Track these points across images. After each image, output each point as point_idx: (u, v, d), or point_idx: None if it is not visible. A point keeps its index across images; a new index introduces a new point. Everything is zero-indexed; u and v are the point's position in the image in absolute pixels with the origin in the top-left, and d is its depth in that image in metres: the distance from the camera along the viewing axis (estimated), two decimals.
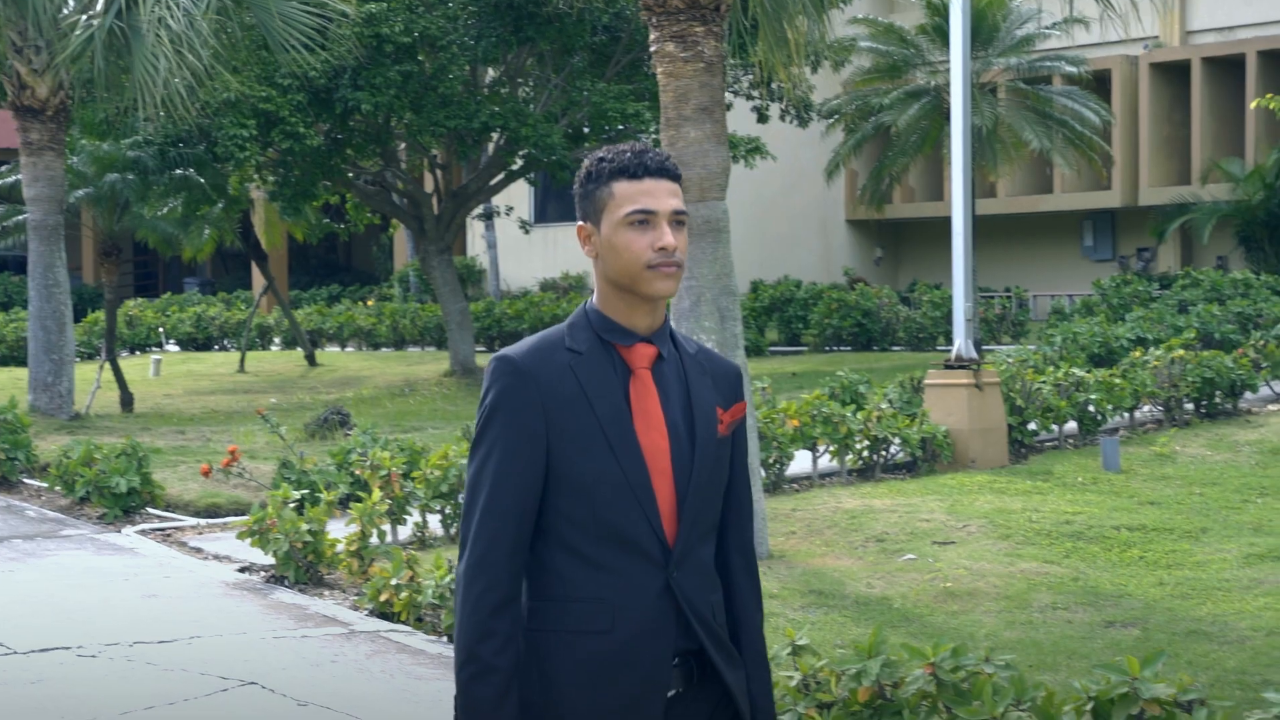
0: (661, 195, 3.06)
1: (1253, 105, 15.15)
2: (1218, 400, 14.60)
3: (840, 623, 8.18)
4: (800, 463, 12.93)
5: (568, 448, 3.02)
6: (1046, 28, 23.82)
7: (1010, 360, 15.93)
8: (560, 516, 3.04)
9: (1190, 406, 14.63)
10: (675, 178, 3.09)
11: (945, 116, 22.70)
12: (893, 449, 13.03)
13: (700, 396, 3.12)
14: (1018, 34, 24.15)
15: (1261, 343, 15.86)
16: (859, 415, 12.92)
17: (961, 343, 13.86)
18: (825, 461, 12.98)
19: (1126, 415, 14.24)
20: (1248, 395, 15.17)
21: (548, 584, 3.05)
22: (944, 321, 24.29)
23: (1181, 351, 14.80)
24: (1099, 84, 27.89)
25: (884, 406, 13.59)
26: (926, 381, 13.99)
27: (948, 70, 14.62)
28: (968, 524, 10.40)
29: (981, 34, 23.30)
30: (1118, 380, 14.05)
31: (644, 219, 3.05)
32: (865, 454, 12.82)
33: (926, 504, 11.30)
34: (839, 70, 25.39)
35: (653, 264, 3.04)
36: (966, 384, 13.37)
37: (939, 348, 23.84)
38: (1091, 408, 13.72)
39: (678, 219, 3.08)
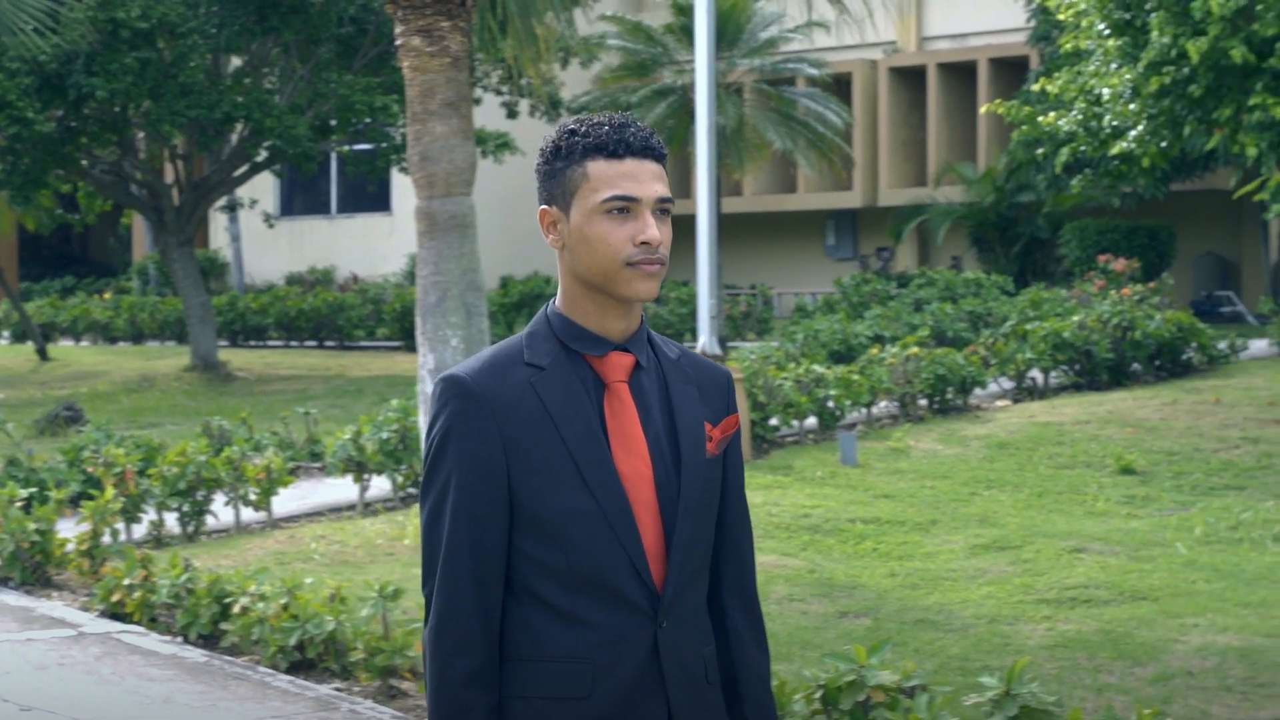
0: (645, 179, 2.62)
1: (983, 110, 15.72)
2: (950, 396, 15.10)
3: None
4: None
5: (532, 481, 2.58)
6: (789, 31, 24.30)
7: (754, 357, 16.23)
8: (527, 562, 2.59)
9: (924, 402, 15.11)
10: (660, 158, 2.66)
11: (692, 115, 23.01)
12: None
13: (685, 411, 2.68)
14: (762, 36, 24.59)
15: (991, 340, 16.44)
16: None
17: (706, 339, 14.09)
18: None
19: (864, 411, 14.64)
20: (978, 391, 15.71)
21: (517, 641, 2.60)
22: (691, 318, 24.61)
23: (916, 349, 15.26)
24: (841, 87, 28.58)
25: None
26: None
27: (694, 70, 14.87)
28: None
29: (727, 35, 23.65)
30: (856, 377, 14.43)
31: (624, 206, 2.61)
32: None
33: None
34: (588, 67, 25.53)
35: (633, 260, 2.60)
36: None
37: (686, 344, 24.14)
38: (831, 403, 14.07)
39: (662, 207, 2.64)
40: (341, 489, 12.32)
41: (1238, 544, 9.99)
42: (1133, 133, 13.27)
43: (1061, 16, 13.88)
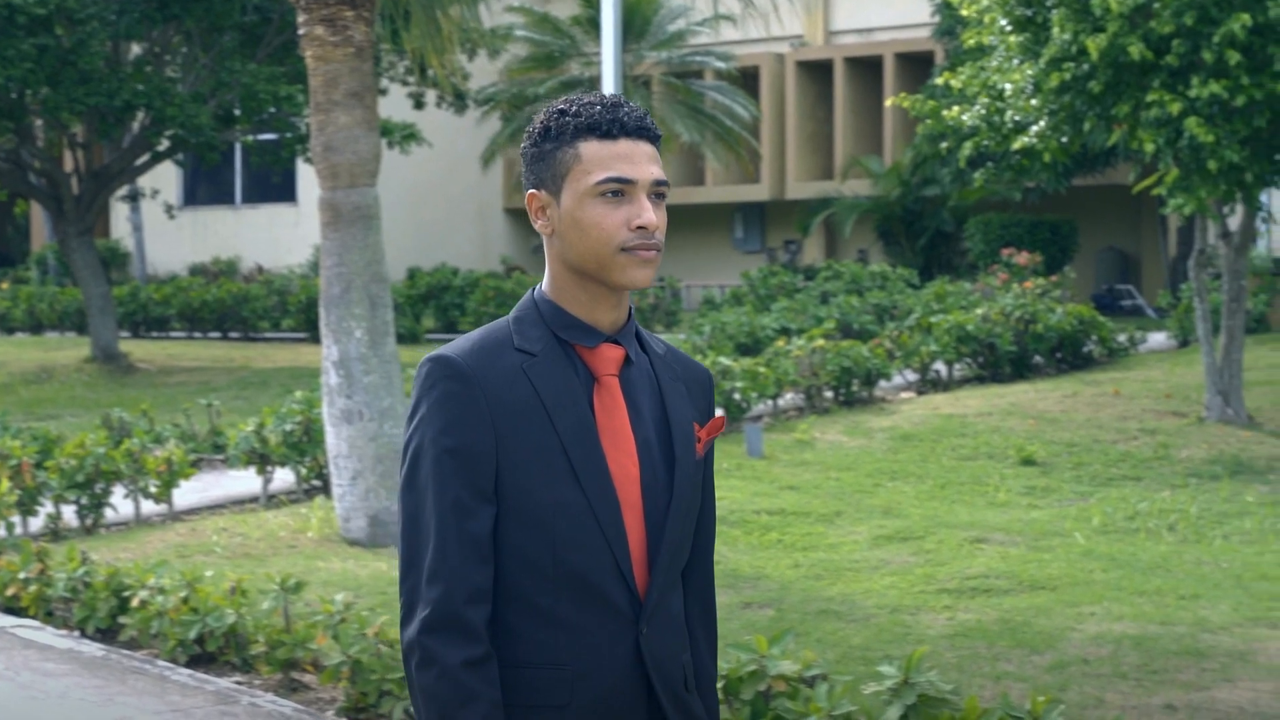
0: (641, 161, 2.50)
1: (888, 104, 15.82)
2: (855, 388, 15.21)
3: None
4: None
5: (520, 471, 2.46)
6: (696, 24, 24.36)
7: None
8: (511, 559, 2.46)
9: (830, 394, 15.20)
10: (655, 139, 2.54)
11: None
12: None
13: (677, 410, 2.57)
14: (669, 29, 24.64)
15: (896, 333, 16.58)
16: None
17: None
18: None
19: (770, 403, 14.71)
20: (883, 384, 15.84)
21: (496, 645, 2.48)
22: None
23: (822, 341, 15.36)
24: (749, 80, 28.69)
25: None
26: None
27: (601, 62, 14.86)
28: None
29: (634, 27, 23.69)
30: (762, 369, 14.49)
31: (618, 189, 2.49)
32: None
33: None
34: (496, 58, 25.44)
35: (628, 246, 2.48)
36: None
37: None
38: (737, 395, 14.12)
39: (658, 191, 2.53)
40: (244, 481, 12.20)
41: (1134, 534, 10.15)
42: (1034, 128, 13.40)
43: (965, 12, 13.99)
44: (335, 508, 10.13)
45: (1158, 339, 19.67)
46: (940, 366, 16.34)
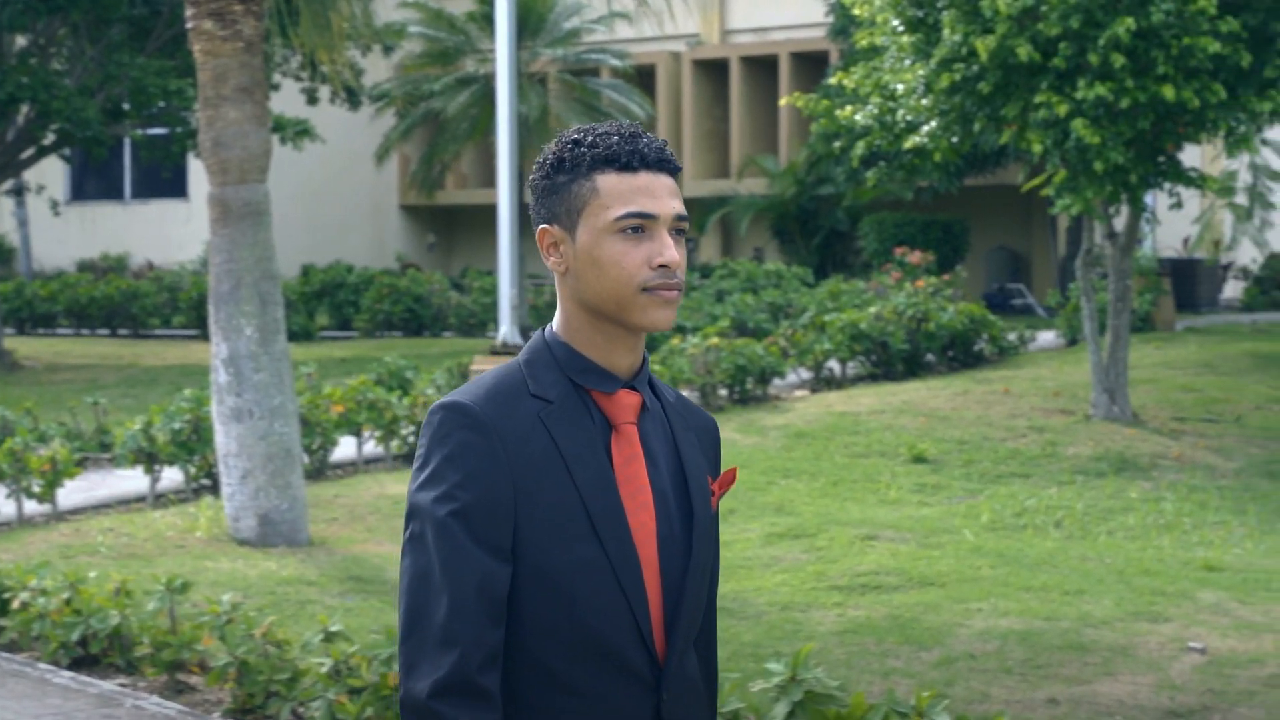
0: (661, 195, 2.37)
1: (783, 103, 15.91)
2: (749, 386, 15.28)
3: (378, 608, 8.16)
4: (345, 448, 12.84)
5: (538, 528, 2.31)
6: (591, 21, 24.36)
7: None
8: (526, 623, 2.31)
9: (724, 392, 15.26)
10: (675, 171, 2.42)
11: (495, 104, 22.94)
12: None
13: (693, 461, 2.44)
14: (565, 26, 24.60)
15: (790, 331, 16.68)
16: (405, 401, 12.93)
17: (507, 329, 14.07)
18: (371, 447, 12.93)
19: None
20: (777, 381, 15.93)
21: (505, 713, 2.32)
22: (494, 308, 24.53)
23: (717, 339, 15.41)
24: (645, 79, 28.73)
25: (430, 392, 13.64)
26: (472, 367, 14.14)
27: (496, 58, 14.86)
28: None
29: (529, 24, 23.62)
30: (657, 367, 14.51)
31: (639, 225, 2.35)
32: (411, 439, 12.84)
33: None
34: (390, 54, 25.27)
35: (649, 285, 2.34)
36: None
37: (489, 334, 24.07)
38: None
39: (679, 226, 2.38)
40: (131, 480, 12.03)
41: (1021, 530, 10.28)
42: (925, 128, 13.55)
43: (858, 13, 14.11)
44: (224, 507, 10.02)
45: (1047, 338, 19.96)
46: (834, 365, 16.46)
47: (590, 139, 2.39)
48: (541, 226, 2.41)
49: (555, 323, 2.42)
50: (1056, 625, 7.66)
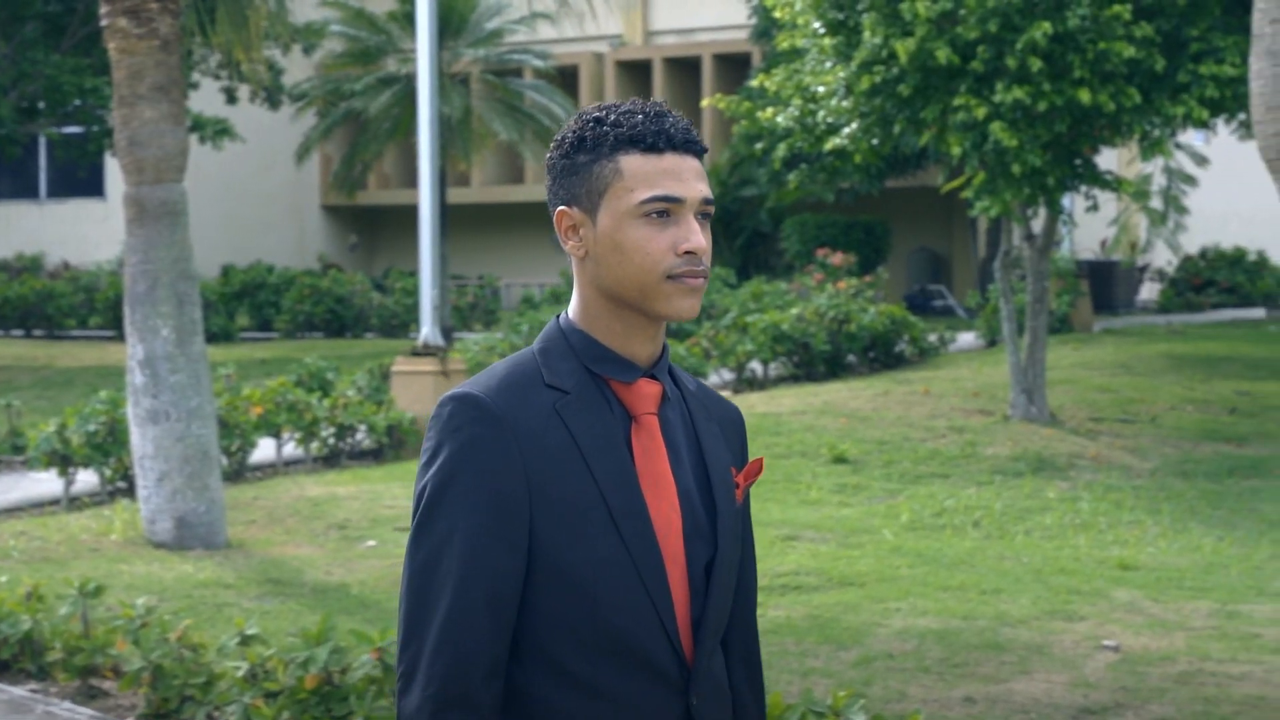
0: (688, 177, 2.26)
1: (705, 104, 15.96)
2: None
3: (296, 611, 8.10)
4: (264, 450, 12.74)
5: (557, 525, 2.21)
6: (513, 22, 24.32)
7: (478, 347, 16.19)
8: (544, 623, 2.21)
9: None
10: (701, 153, 2.30)
11: (416, 104, 22.85)
12: (359, 436, 13.03)
13: (714, 453, 2.34)
14: (487, 26, 24.53)
15: (713, 332, 16.72)
16: (325, 402, 12.85)
17: (428, 330, 14.01)
18: (290, 449, 12.84)
19: None
20: None
21: (519, 715, 2.22)
22: (416, 309, 24.42)
23: None
24: (568, 79, 28.70)
25: (351, 393, 13.56)
26: (394, 369, 14.06)
27: (417, 58, 14.83)
28: None
29: (451, 24, 23.53)
30: None
31: (665, 209, 2.24)
32: (331, 441, 12.76)
33: (390, 490, 11.34)
34: (311, 54, 25.10)
35: (674, 272, 2.24)
36: (432, 371, 13.53)
37: (411, 335, 23.95)
38: None
39: (705, 211, 2.28)
40: (45, 483, 11.87)
41: (941, 530, 10.36)
42: (846, 130, 13.62)
43: (779, 15, 14.16)
44: (140, 509, 9.90)
45: (967, 339, 20.13)
46: (756, 366, 16.52)
47: (614, 117, 2.27)
48: (560, 208, 2.30)
49: (571, 309, 2.32)
50: (974, 624, 7.72)
